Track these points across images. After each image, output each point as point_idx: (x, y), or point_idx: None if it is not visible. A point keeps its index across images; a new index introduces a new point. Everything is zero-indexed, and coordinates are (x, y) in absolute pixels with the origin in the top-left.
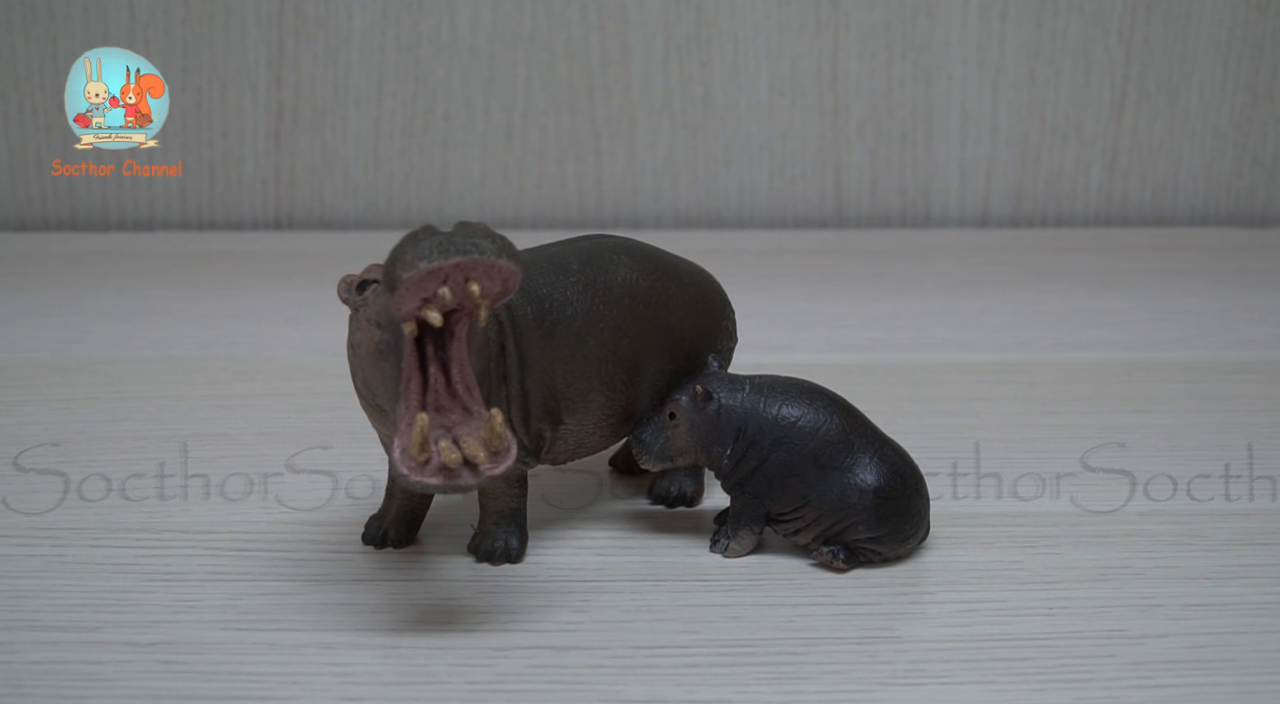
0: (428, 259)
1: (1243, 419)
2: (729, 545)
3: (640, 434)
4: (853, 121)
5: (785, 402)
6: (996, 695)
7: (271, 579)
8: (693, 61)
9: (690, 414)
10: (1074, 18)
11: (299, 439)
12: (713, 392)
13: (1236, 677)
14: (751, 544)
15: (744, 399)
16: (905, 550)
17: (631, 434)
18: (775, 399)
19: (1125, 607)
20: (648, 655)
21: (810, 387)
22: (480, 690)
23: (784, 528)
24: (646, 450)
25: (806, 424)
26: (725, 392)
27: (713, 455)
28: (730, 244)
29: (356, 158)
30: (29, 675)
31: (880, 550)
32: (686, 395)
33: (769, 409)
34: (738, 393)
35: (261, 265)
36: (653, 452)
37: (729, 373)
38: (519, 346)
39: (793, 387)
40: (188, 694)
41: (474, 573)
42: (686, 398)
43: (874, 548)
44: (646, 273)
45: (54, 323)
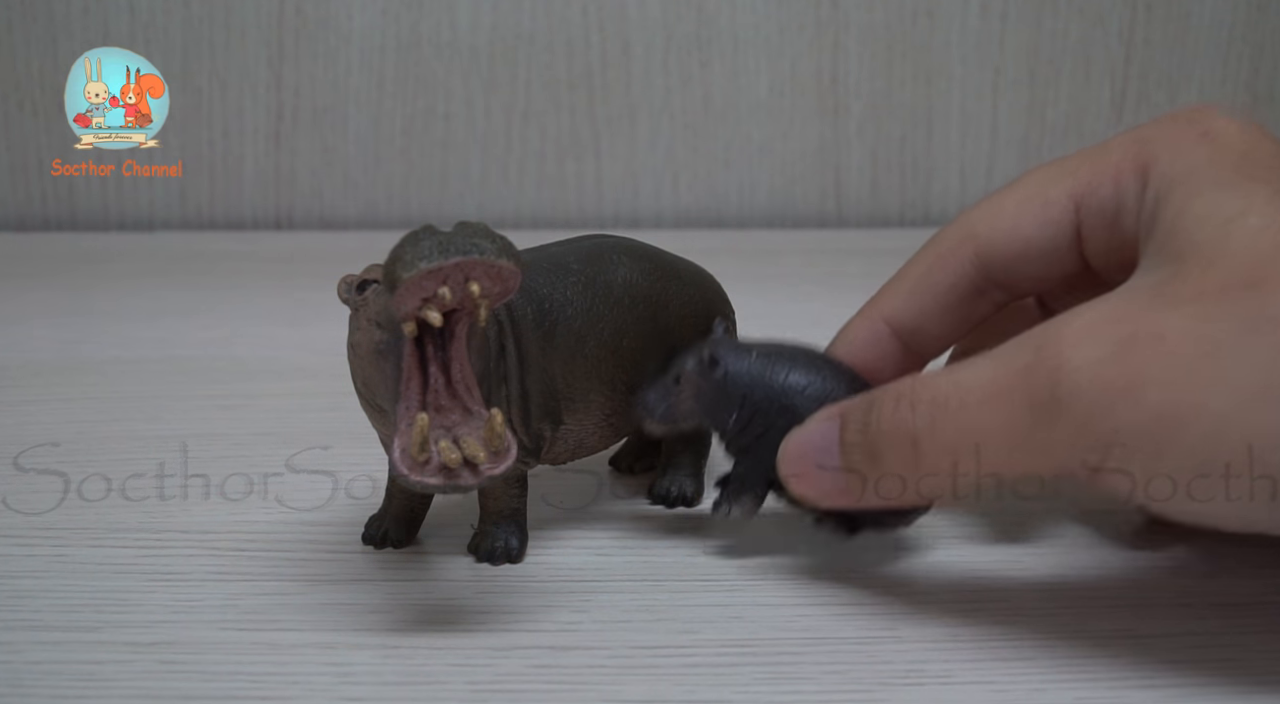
0: (428, 259)
1: None
2: (731, 510)
3: (645, 397)
4: (853, 121)
5: (792, 369)
6: (996, 695)
7: (271, 579)
8: (693, 61)
9: (696, 380)
10: (1074, 18)
11: (299, 439)
12: (719, 358)
13: (1236, 677)
14: (754, 510)
15: (750, 366)
16: (906, 522)
17: (635, 397)
18: (782, 366)
19: (1124, 607)
20: (648, 655)
21: (817, 354)
22: (480, 690)
23: (787, 495)
24: (650, 413)
25: (813, 392)
26: (732, 358)
27: (717, 420)
28: (730, 244)
29: (356, 158)
30: (29, 675)
31: (883, 520)
32: (693, 361)
33: (775, 376)
34: (744, 360)
35: (261, 265)
36: (656, 414)
37: (735, 339)
38: (519, 346)
39: (799, 354)
40: (188, 694)
41: (474, 573)
42: (693, 363)
43: (876, 519)
44: (646, 273)
45: (54, 323)
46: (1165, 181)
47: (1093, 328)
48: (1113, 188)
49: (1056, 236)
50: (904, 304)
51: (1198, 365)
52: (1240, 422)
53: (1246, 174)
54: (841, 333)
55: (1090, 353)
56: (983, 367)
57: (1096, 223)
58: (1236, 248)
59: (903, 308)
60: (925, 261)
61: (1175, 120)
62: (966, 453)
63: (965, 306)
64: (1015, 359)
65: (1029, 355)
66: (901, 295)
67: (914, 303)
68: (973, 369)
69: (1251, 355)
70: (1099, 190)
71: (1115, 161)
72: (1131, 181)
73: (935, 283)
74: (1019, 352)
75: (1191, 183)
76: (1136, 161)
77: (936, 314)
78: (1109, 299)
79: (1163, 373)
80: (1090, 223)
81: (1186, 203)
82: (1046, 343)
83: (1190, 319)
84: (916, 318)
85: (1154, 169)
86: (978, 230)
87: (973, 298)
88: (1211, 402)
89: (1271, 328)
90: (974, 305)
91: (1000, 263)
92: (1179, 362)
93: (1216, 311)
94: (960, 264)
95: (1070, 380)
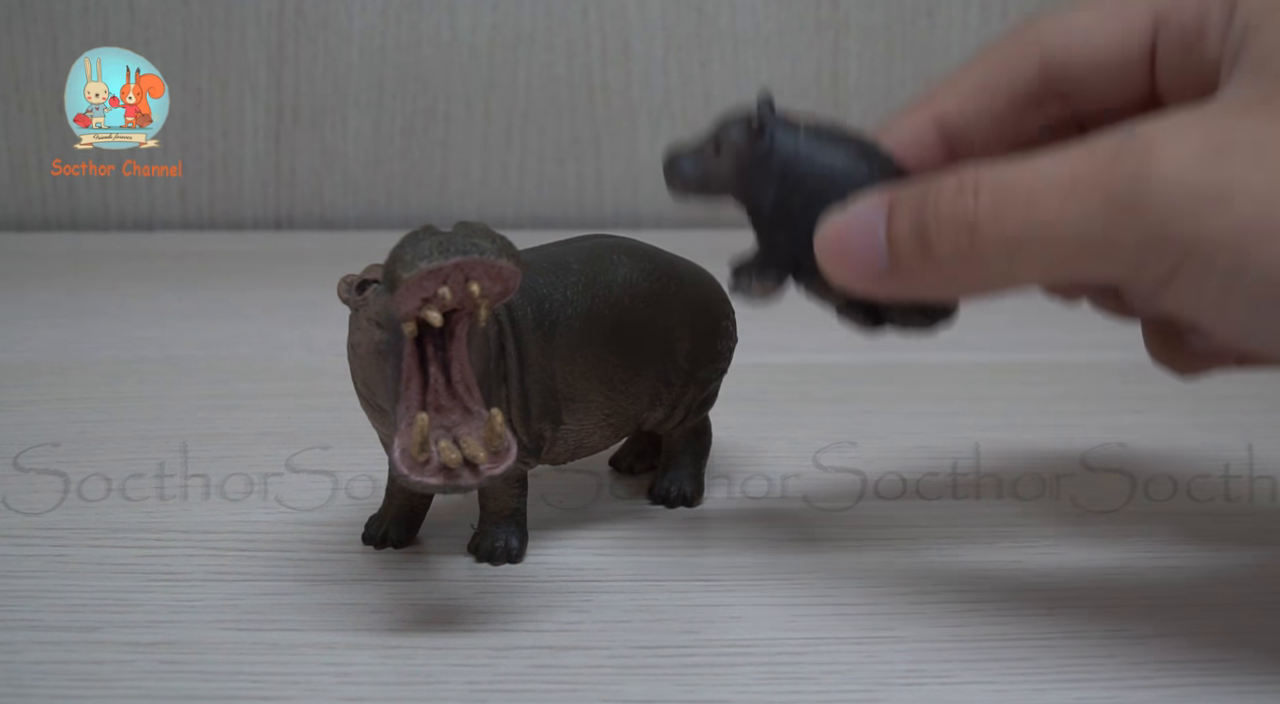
0: (428, 259)
1: (1242, 419)
2: (753, 285)
3: (678, 161)
4: (853, 121)
5: (840, 152)
6: (996, 695)
7: (271, 579)
8: (693, 61)
9: (740, 147)
10: None
11: (299, 439)
12: (768, 127)
13: (1236, 676)
14: (775, 289)
15: (798, 142)
16: (932, 326)
17: (666, 159)
18: (830, 148)
19: (1125, 607)
20: (648, 655)
21: (869, 142)
22: (480, 690)
23: (811, 282)
24: (682, 176)
25: (859, 177)
26: (780, 130)
27: (755, 194)
28: (730, 244)
29: (356, 158)
30: (29, 675)
31: (910, 319)
32: (739, 128)
33: (821, 156)
34: (793, 134)
35: (261, 265)
36: (690, 178)
37: (785, 111)
38: (519, 346)
39: (849, 139)
40: (188, 694)
41: (474, 573)
42: (739, 131)
43: (904, 316)
44: (646, 273)
45: (54, 323)
46: (1257, 8)
47: (1186, 128)
48: (1196, 9)
49: (1129, 50)
50: (958, 105)
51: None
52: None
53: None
54: (886, 126)
55: (1181, 151)
56: (1059, 157)
57: (1175, 43)
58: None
59: (956, 108)
60: (986, 63)
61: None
62: (1029, 246)
63: (1020, 116)
64: (1097, 151)
65: (1112, 148)
66: (957, 95)
67: (969, 104)
68: (1048, 158)
69: None
70: (1182, 10)
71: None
72: (1216, 5)
73: (995, 85)
74: (1103, 144)
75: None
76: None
77: (990, 119)
78: (1204, 106)
79: (1258, 182)
80: (1168, 42)
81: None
82: (1135, 138)
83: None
84: (969, 120)
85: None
86: (1045, 36)
87: (1030, 107)
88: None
89: None
90: (1028, 116)
91: (1067, 72)
92: (1274, 175)
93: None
94: (1025, 69)
95: (1156, 176)
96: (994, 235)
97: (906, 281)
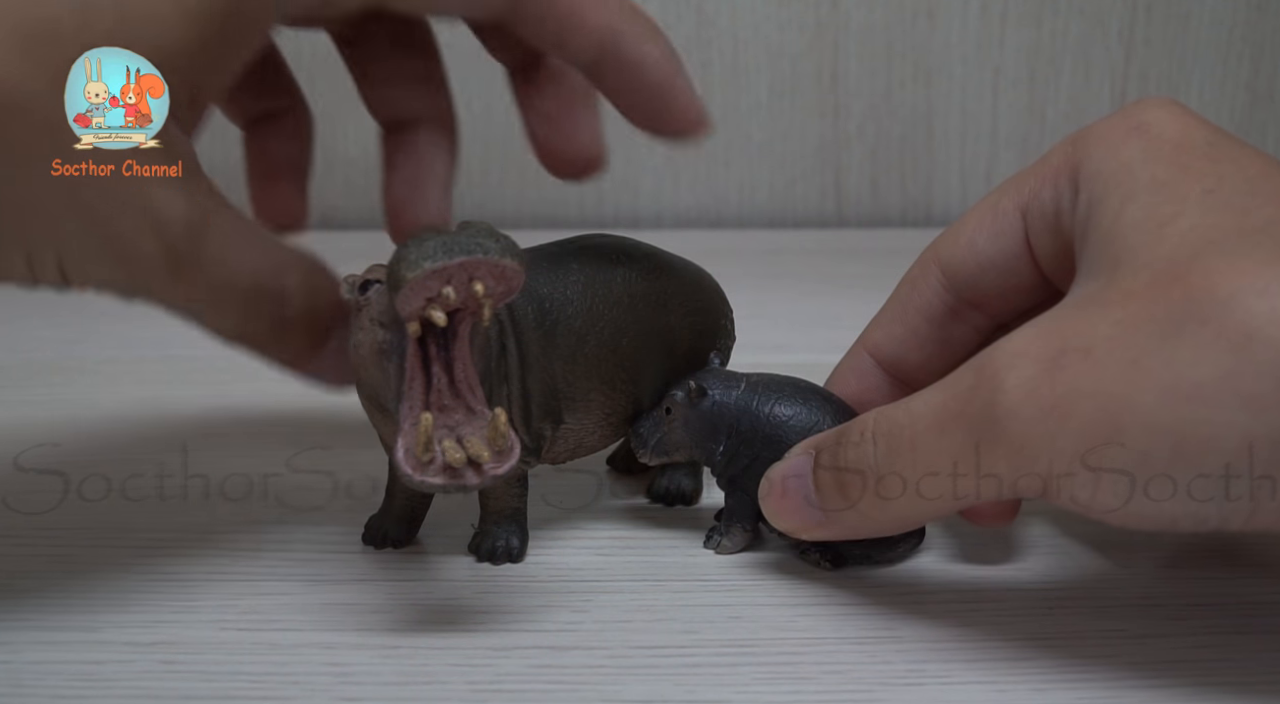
0: (432, 259)
1: None
2: (721, 542)
3: (638, 428)
4: (853, 121)
5: (779, 400)
6: (996, 695)
7: (271, 579)
8: (693, 61)
9: (685, 410)
10: (1074, 18)
11: (299, 439)
12: (706, 388)
13: (1236, 677)
14: (744, 542)
15: (738, 397)
16: (894, 555)
17: (630, 429)
18: (769, 397)
19: (1125, 607)
20: (648, 655)
21: (806, 386)
22: (480, 690)
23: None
24: (643, 444)
25: (799, 423)
26: (720, 389)
27: (706, 451)
28: (730, 244)
29: (356, 158)
30: (29, 675)
31: (869, 553)
32: (681, 392)
33: (762, 407)
34: (732, 390)
35: None
36: (649, 446)
37: (727, 370)
38: (520, 346)
39: (787, 385)
40: (188, 694)
41: (474, 573)
42: (681, 394)
43: (862, 552)
44: (646, 273)
45: (54, 323)
46: (1098, 182)
47: (1026, 346)
48: (1051, 191)
49: (1008, 247)
50: (884, 334)
51: (1124, 374)
52: (1170, 425)
53: (1180, 166)
54: (835, 371)
55: (1023, 372)
56: (931, 395)
57: (1042, 229)
58: (1166, 251)
59: (883, 338)
60: (900, 289)
61: (1111, 117)
62: (927, 485)
63: (942, 331)
64: (959, 384)
65: (970, 379)
66: (881, 325)
67: (893, 331)
68: (923, 397)
69: (1176, 356)
70: (1040, 196)
71: (1054, 165)
72: (1065, 184)
73: (908, 309)
74: (963, 376)
75: (1125, 185)
76: (1069, 162)
77: (915, 341)
78: (1047, 315)
79: (1091, 385)
80: (1037, 230)
81: (1121, 207)
82: (985, 365)
83: (1117, 327)
84: (897, 346)
85: (1084, 168)
86: (943, 251)
87: (948, 321)
88: (1140, 409)
89: (1197, 326)
90: (950, 329)
91: (963, 279)
92: (1106, 373)
93: (1142, 315)
94: (929, 286)
95: (1005, 406)
96: (894, 480)
97: (840, 525)
